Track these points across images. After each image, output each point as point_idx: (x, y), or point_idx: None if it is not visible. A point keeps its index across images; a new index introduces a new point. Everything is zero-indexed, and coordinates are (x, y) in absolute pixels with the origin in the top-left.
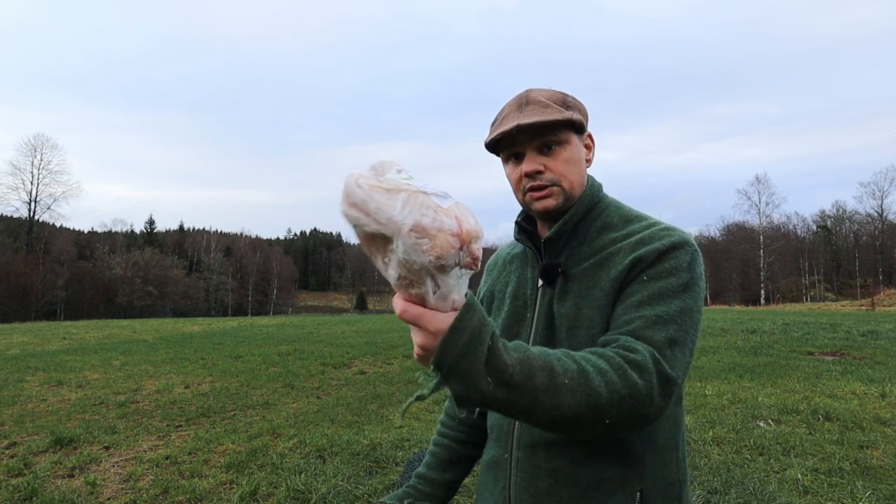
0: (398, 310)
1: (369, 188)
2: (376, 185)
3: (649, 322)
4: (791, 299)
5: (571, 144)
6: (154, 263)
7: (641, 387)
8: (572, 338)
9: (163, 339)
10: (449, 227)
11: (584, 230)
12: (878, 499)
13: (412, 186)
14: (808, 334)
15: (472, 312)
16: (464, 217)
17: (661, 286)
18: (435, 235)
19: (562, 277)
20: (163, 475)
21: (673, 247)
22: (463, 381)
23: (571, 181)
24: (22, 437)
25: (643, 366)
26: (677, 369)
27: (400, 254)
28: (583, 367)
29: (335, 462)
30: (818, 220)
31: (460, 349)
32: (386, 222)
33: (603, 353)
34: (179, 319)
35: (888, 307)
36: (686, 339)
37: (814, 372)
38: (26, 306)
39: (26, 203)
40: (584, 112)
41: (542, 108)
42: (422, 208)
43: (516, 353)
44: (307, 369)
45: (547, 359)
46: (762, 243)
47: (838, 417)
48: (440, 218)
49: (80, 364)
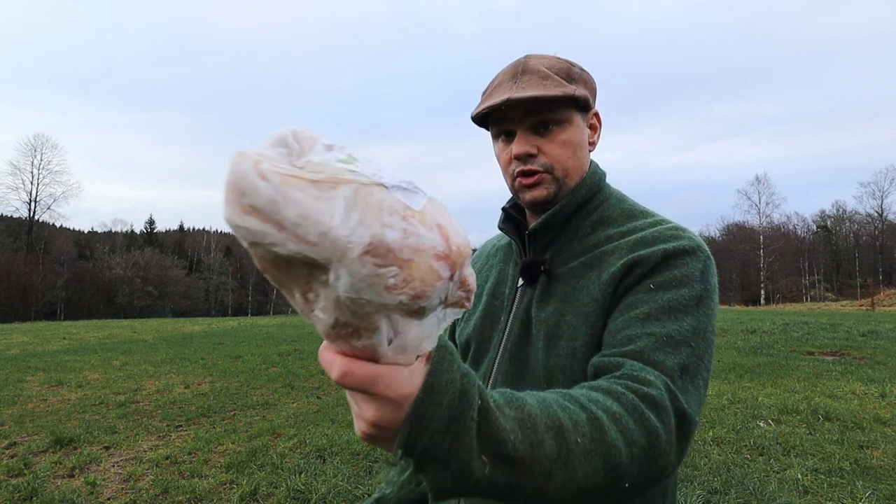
0: (336, 372)
1: (281, 180)
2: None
3: (659, 342)
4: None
5: (572, 125)
6: (154, 263)
7: (661, 431)
8: (550, 348)
9: (163, 339)
10: (430, 245)
11: (576, 224)
12: (878, 499)
13: (359, 174)
14: (808, 334)
15: (449, 359)
16: (448, 225)
17: (671, 298)
18: (410, 260)
19: (545, 277)
20: (163, 475)
21: (682, 251)
22: (446, 466)
23: (567, 168)
24: (22, 437)
25: (659, 403)
26: (692, 404)
27: (342, 290)
28: (594, 416)
29: (335, 462)
30: (818, 220)
31: (441, 419)
32: (317, 240)
33: (609, 387)
34: (179, 319)
35: (888, 307)
36: (700, 368)
37: (814, 372)
38: (26, 306)
39: (26, 203)
40: (591, 86)
41: (540, 79)
42: (381, 214)
43: (512, 411)
44: (307, 369)
45: (551, 411)
46: (762, 243)
47: (838, 417)
48: (415, 229)
49: (80, 364)
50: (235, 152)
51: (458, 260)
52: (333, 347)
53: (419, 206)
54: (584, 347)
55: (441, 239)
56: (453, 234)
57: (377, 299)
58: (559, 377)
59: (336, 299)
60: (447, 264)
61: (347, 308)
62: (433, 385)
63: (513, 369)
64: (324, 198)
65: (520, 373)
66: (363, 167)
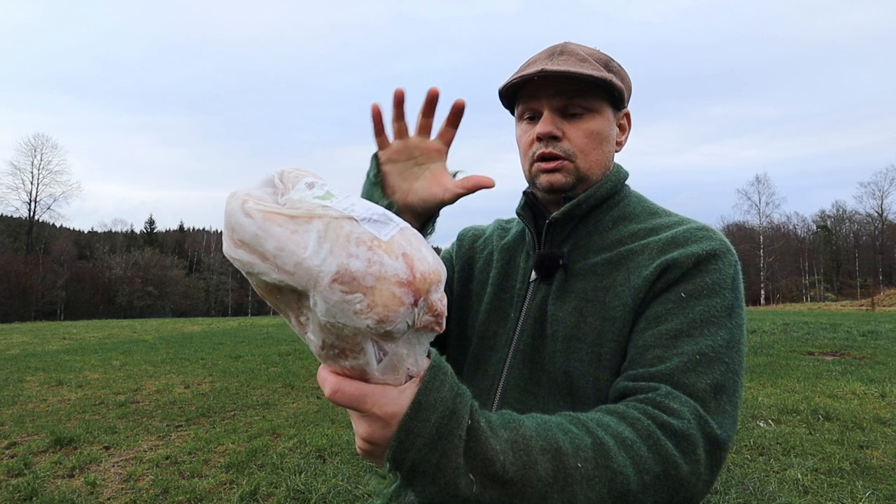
0: (328, 390)
1: (263, 217)
2: (274, 212)
3: (691, 362)
4: (791, 299)
5: (602, 116)
6: (154, 263)
7: (680, 461)
8: (570, 352)
9: (163, 339)
10: (393, 273)
11: (596, 218)
12: (878, 499)
13: (332, 209)
14: (808, 334)
15: (440, 379)
16: (415, 253)
17: (703, 309)
18: (372, 287)
19: (562, 272)
20: (163, 475)
21: (714, 254)
22: (434, 481)
23: (589, 160)
24: (22, 437)
25: (684, 434)
26: (727, 427)
27: (320, 314)
28: (600, 441)
29: (335, 462)
30: (818, 220)
31: (428, 436)
32: (294, 269)
33: (625, 412)
34: (179, 319)
35: (888, 307)
36: (736, 386)
37: (814, 372)
38: (26, 306)
39: (26, 203)
40: (627, 83)
41: (578, 61)
42: (348, 245)
43: (506, 432)
44: (307, 369)
45: (549, 434)
46: (762, 243)
47: (838, 417)
48: (379, 258)
49: (80, 364)
50: (229, 193)
51: (422, 287)
52: (328, 367)
53: (387, 236)
54: (609, 354)
55: (405, 267)
56: (419, 262)
57: (350, 323)
58: (581, 383)
59: (320, 324)
60: (410, 291)
61: (329, 331)
62: (421, 403)
63: (526, 372)
64: (300, 231)
65: (534, 376)
66: (338, 203)
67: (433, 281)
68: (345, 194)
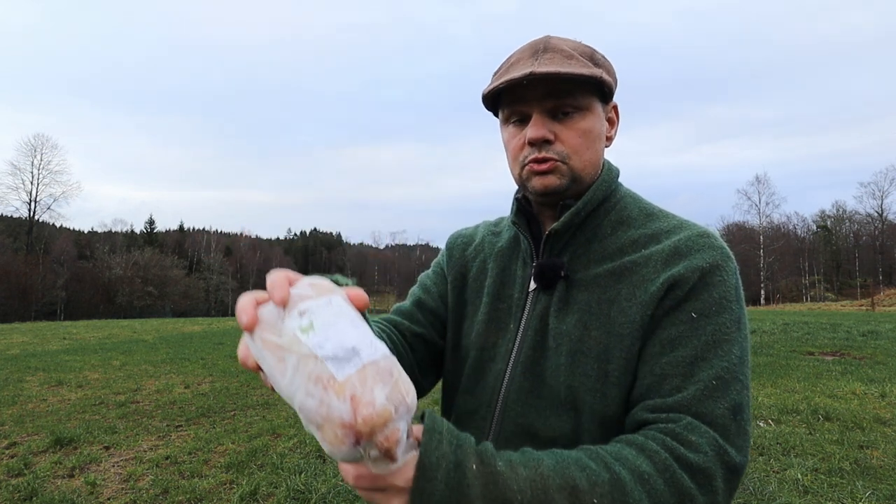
0: (350, 480)
1: (262, 344)
2: (270, 341)
3: (709, 388)
4: (791, 299)
5: (593, 113)
6: (154, 263)
7: (696, 493)
8: (574, 366)
9: (163, 339)
10: (337, 416)
11: (594, 224)
12: (878, 499)
13: (301, 346)
14: (808, 334)
15: (437, 439)
16: (365, 395)
17: (714, 329)
18: (322, 426)
19: (563, 283)
20: (163, 475)
21: (716, 266)
22: None
23: (584, 160)
24: (22, 437)
25: (701, 468)
26: (744, 447)
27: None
28: (617, 476)
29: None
30: (818, 220)
31: (441, 492)
32: (279, 390)
33: (644, 444)
34: (179, 319)
35: (888, 307)
36: (749, 399)
37: (814, 372)
38: (26, 306)
39: (26, 203)
40: (613, 75)
41: (564, 58)
42: (307, 383)
43: (525, 471)
44: None
45: (567, 472)
46: (762, 243)
47: (838, 417)
48: (328, 400)
49: (80, 364)
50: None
51: (363, 430)
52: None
53: (343, 376)
54: (617, 371)
55: (349, 411)
56: (365, 406)
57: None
58: (587, 398)
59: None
60: (352, 433)
61: None
62: (425, 464)
63: (527, 384)
64: (284, 359)
65: (535, 389)
66: (312, 337)
67: (377, 424)
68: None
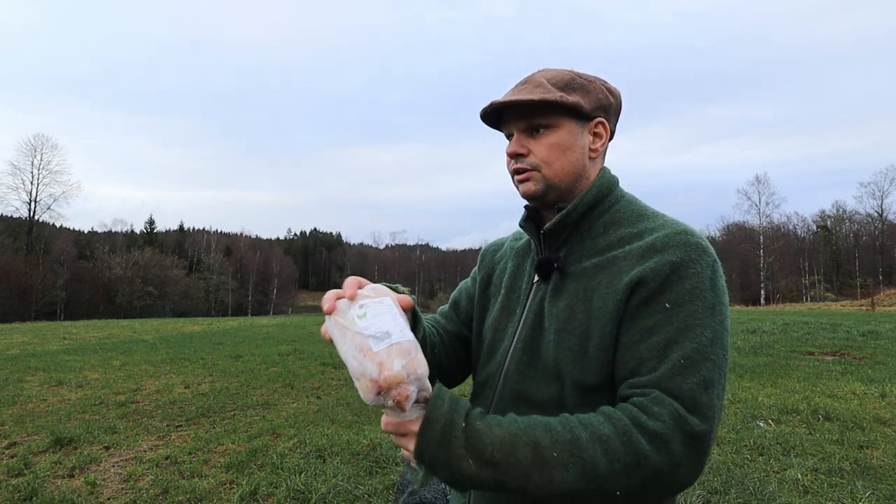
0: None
1: (334, 323)
2: (339, 322)
3: (676, 367)
4: (791, 299)
5: (561, 129)
6: (154, 263)
7: (650, 454)
8: (560, 342)
9: (163, 339)
10: (369, 374)
11: (588, 224)
12: (878, 499)
13: (356, 326)
14: (808, 334)
15: (440, 401)
16: (388, 362)
17: (686, 315)
18: (359, 379)
19: (558, 274)
20: (163, 475)
21: (689, 260)
22: (445, 467)
23: (555, 168)
24: (22, 437)
25: (658, 433)
26: (711, 417)
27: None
28: (576, 437)
29: (335, 462)
30: (818, 220)
31: (437, 439)
32: (340, 355)
33: (611, 413)
34: (179, 319)
35: (888, 307)
36: (720, 376)
37: (814, 372)
38: (26, 306)
39: (26, 203)
40: (594, 96)
41: (532, 87)
42: (355, 351)
43: (500, 430)
44: (307, 369)
45: (534, 432)
46: (762, 243)
47: (838, 417)
48: (365, 363)
49: (80, 364)
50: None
51: (384, 385)
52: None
53: (378, 348)
54: (595, 348)
55: (377, 370)
56: (387, 369)
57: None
58: (568, 369)
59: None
60: (375, 386)
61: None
62: (428, 418)
63: (525, 359)
64: (344, 334)
65: (532, 362)
66: (364, 322)
67: (394, 382)
68: (376, 314)
